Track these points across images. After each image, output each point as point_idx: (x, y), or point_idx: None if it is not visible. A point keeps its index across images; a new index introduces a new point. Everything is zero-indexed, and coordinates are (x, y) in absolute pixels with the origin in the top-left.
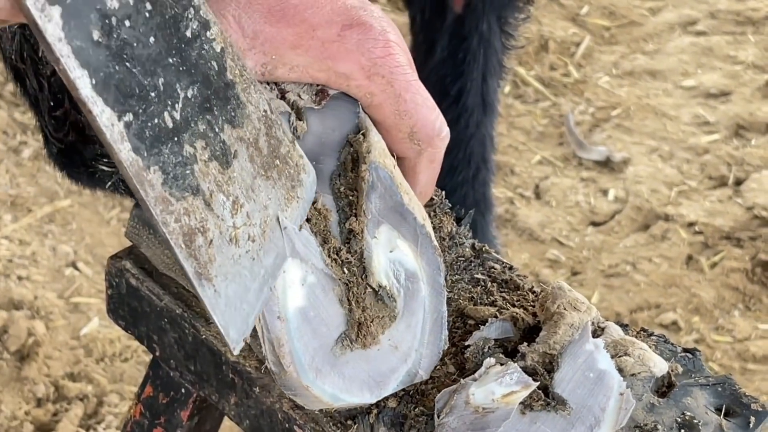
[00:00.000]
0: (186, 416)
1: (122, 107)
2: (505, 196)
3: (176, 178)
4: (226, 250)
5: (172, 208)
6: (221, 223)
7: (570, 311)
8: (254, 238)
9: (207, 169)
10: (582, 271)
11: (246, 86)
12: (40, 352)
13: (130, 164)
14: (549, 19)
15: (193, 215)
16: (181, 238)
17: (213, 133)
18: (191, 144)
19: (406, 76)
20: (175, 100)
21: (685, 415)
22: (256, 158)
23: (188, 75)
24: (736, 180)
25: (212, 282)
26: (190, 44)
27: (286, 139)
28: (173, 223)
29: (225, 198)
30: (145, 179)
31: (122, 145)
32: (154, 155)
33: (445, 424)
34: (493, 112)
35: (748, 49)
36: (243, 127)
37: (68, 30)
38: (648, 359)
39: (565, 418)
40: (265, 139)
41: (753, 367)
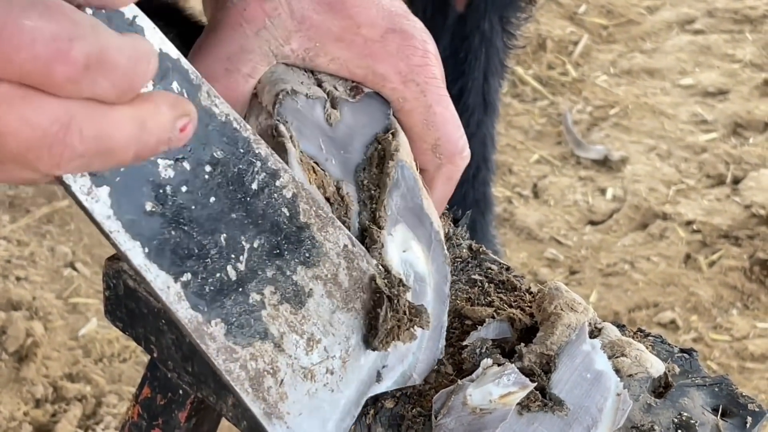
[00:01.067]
0: (184, 417)
1: (179, 269)
2: (503, 196)
3: (241, 326)
4: (300, 386)
5: (236, 356)
6: (294, 362)
7: (567, 312)
8: (333, 370)
9: (277, 313)
10: (580, 270)
11: (322, 225)
12: (38, 353)
13: (189, 321)
14: (547, 18)
15: (262, 359)
16: (248, 383)
17: (284, 277)
18: (258, 291)
19: (438, 90)
20: (239, 252)
21: (682, 415)
22: (335, 293)
23: (255, 226)
24: (734, 179)
25: (284, 420)
26: (257, 196)
27: (371, 268)
28: (238, 370)
29: (298, 337)
30: (206, 333)
31: (179, 305)
32: (215, 309)
33: (442, 425)
34: (494, 112)
35: (745, 48)
36: (319, 266)
37: (117, 207)
38: (645, 360)
39: (562, 419)
40: (346, 272)
41: (751, 365)
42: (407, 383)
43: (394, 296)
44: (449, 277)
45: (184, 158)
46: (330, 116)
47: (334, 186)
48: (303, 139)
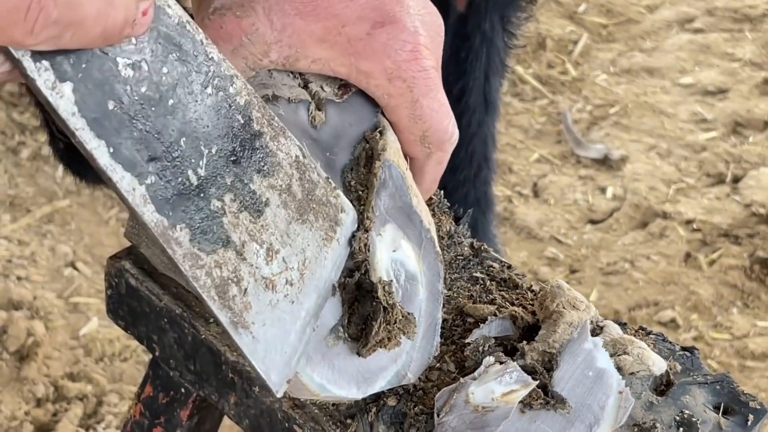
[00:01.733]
0: (186, 416)
1: (143, 170)
2: (503, 195)
3: (204, 232)
4: (262, 296)
5: (202, 262)
6: (256, 271)
7: (569, 310)
8: (292, 282)
9: (237, 221)
10: (580, 269)
11: (275, 134)
12: (39, 352)
13: (155, 225)
14: (546, 17)
15: (225, 267)
16: (214, 290)
17: (241, 185)
18: (219, 198)
19: (427, 81)
20: (198, 157)
21: (683, 413)
22: (290, 204)
23: (210, 132)
24: (734, 177)
25: (249, 329)
26: (212, 101)
27: (322, 181)
28: (204, 277)
29: (258, 246)
30: (172, 237)
31: (145, 208)
32: (179, 213)
33: (444, 423)
34: (495, 111)
35: (745, 47)
36: (274, 175)
37: (82, 104)
38: (647, 358)
39: (564, 417)
40: (299, 183)
41: (751, 364)
42: (401, 382)
43: (389, 306)
44: (442, 274)
45: (141, 60)
46: (315, 118)
47: None
48: None
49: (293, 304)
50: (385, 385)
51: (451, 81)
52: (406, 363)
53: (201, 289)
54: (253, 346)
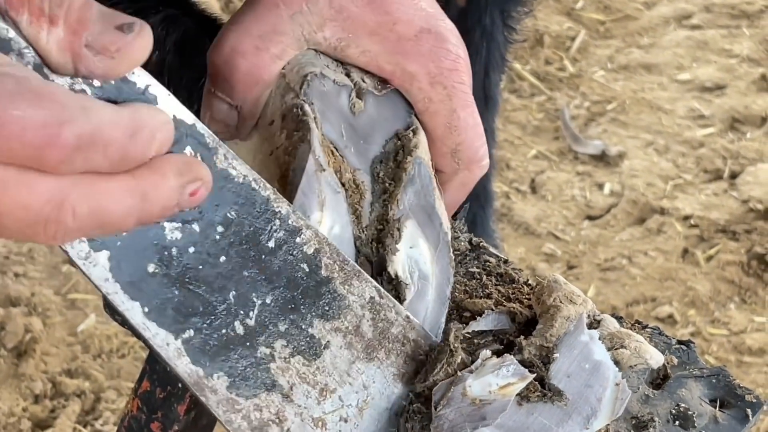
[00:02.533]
0: (183, 410)
1: (181, 326)
2: (501, 191)
3: (246, 379)
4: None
5: (239, 407)
6: (304, 411)
7: (566, 304)
8: (347, 418)
9: (287, 365)
10: (578, 265)
11: (346, 278)
12: (37, 349)
13: (188, 376)
14: (544, 13)
15: (267, 409)
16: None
17: (298, 330)
18: (268, 345)
19: (465, 96)
20: (249, 308)
21: (679, 406)
22: (356, 344)
23: (268, 282)
24: (731, 173)
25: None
26: (273, 254)
27: (400, 319)
28: (240, 420)
29: (310, 388)
30: (206, 386)
31: (179, 361)
32: (218, 363)
33: (442, 416)
34: (495, 106)
35: (743, 43)
36: (340, 318)
37: (117, 270)
38: (644, 351)
39: (561, 409)
40: (371, 323)
41: (749, 359)
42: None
43: (454, 350)
44: (451, 280)
45: (193, 220)
46: (354, 105)
47: (350, 173)
48: (326, 123)
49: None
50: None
51: None
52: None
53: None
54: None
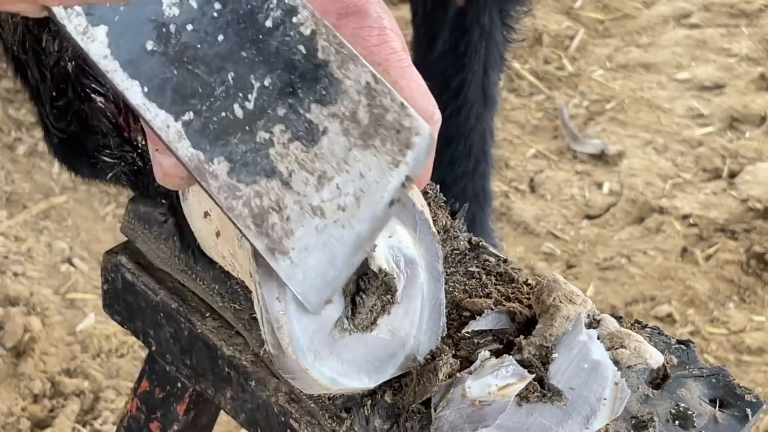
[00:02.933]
0: (182, 410)
1: (180, 108)
2: (500, 190)
3: (246, 164)
4: (307, 223)
5: (239, 193)
6: (303, 198)
7: (566, 304)
8: (345, 207)
9: (286, 151)
10: (577, 264)
11: (343, 62)
12: (36, 349)
13: (189, 160)
14: (543, 12)
15: (267, 196)
16: (250, 219)
17: (296, 115)
18: (267, 130)
19: (401, 63)
20: (247, 91)
21: (679, 406)
22: (353, 130)
23: (266, 64)
24: (730, 172)
25: (288, 255)
26: (270, 34)
27: (395, 106)
28: (240, 207)
29: (309, 175)
30: (207, 171)
31: (180, 144)
32: (218, 147)
33: (442, 418)
34: (494, 105)
35: (742, 42)
36: (336, 103)
37: (115, 47)
38: (644, 351)
39: (561, 409)
40: (367, 109)
41: (748, 358)
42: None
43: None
44: (440, 254)
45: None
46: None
47: None
48: None
49: (344, 229)
50: (395, 371)
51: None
52: (414, 347)
53: (236, 219)
54: (290, 270)
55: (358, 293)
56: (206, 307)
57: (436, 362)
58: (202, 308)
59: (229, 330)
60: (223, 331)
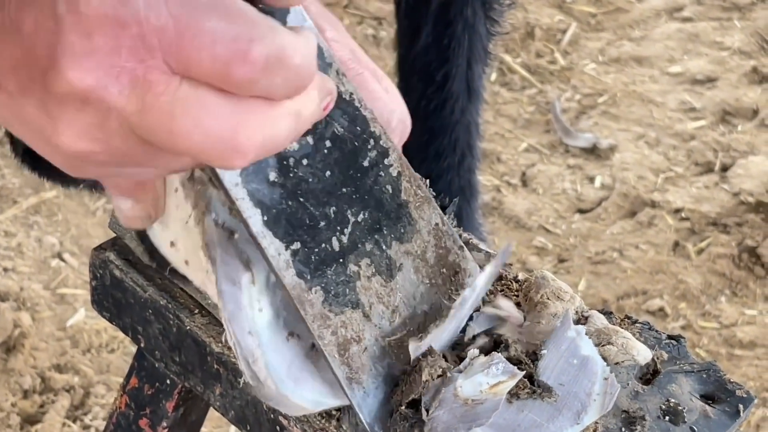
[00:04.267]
0: (171, 407)
1: (291, 238)
2: (491, 184)
3: (337, 295)
4: (379, 354)
5: (329, 322)
6: (378, 331)
7: (554, 301)
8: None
9: (369, 284)
10: (569, 259)
11: (419, 203)
12: (26, 344)
13: (292, 287)
14: (535, 6)
15: (350, 327)
16: (336, 348)
17: (380, 251)
18: (356, 263)
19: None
20: (344, 225)
21: (669, 402)
22: (422, 268)
23: (361, 201)
24: (722, 166)
25: (362, 384)
26: (367, 173)
27: (456, 248)
28: (329, 336)
29: (385, 308)
30: (306, 300)
31: (287, 272)
32: (317, 277)
33: (435, 419)
34: (479, 99)
35: (734, 35)
36: (411, 242)
37: (245, 176)
38: (631, 348)
39: (552, 405)
40: (434, 250)
41: (740, 352)
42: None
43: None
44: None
45: (308, 132)
46: None
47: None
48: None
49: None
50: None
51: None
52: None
53: (324, 348)
54: (362, 400)
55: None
56: (195, 304)
57: (421, 363)
58: (191, 305)
59: (218, 327)
60: (212, 327)
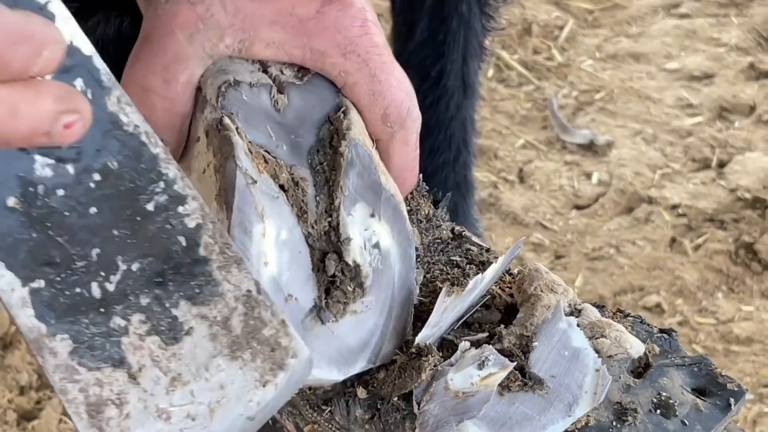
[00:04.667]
0: None
1: (31, 273)
2: (488, 180)
3: (93, 348)
4: (150, 425)
5: (78, 377)
6: (149, 398)
7: (547, 293)
8: (195, 417)
9: (141, 343)
10: (566, 255)
11: (225, 264)
12: (23, 340)
13: (28, 330)
14: (532, 2)
15: (109, 387)
16: (84, 407)
17: (161, 308)
18: (124, 317)
19: (381, 57)
20: (111, 272)
21: (661, 395)
22: (222, 338)
23: (138, 248)
24: (719, 162)
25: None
26: (150, 218)
27: (275, 321)
28: (75, 392)
29: (161, 374)
30: (46, 346)
31: (21, 311)
32: (65, 323)
33: (426, 412)
34: (474, 95)
35: (731, 32)
36: (209, 305)
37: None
38: (624, 341)
39: (543, 397)
40: (242, 319)
41: (736, 348)
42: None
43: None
44: (413, 239)
45: (69, 161)
46: (277, 102)
47: (287, 172)
48: (251, 129)
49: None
50: (365, 365)
51: (429, 64)
52: (382, 337)
53: (68, 403)
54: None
55: (331, 283)
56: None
57: (422, 361)
58: None
59: None
60: None
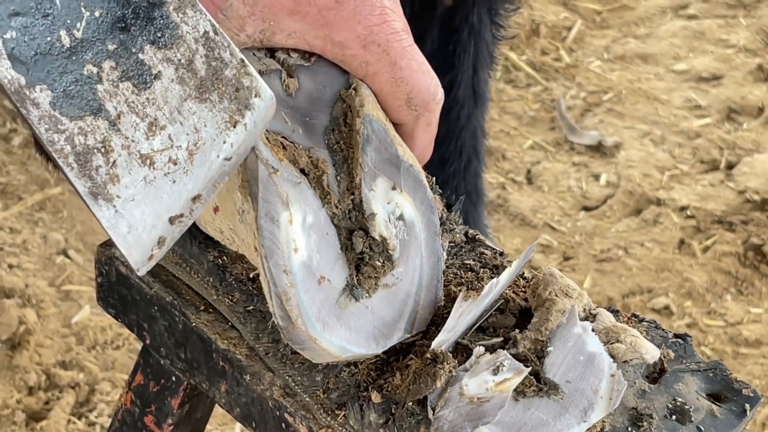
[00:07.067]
0: (177, 404)
1: (3, 23)
2: (496, 182)
3: (71, 97)
4: (135, 171)
5: (62, 127)
6: (132, 144)
7: (562, 298)
8: (177, 160)
9: (116, 90)
10: (574, 256)
11: (181, 5)
12: (31, 341)
13: (8, 82)
14: (540, 3)
15: (92, 135)
16: (73, 157)
17: (127, 53)
18: (96, 64)
19: (401, 43)
20: (77, 19)
21: (676, 401)
22: (189, 80)
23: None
24: (728, 164)
25: (112, 202)
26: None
27: (235, 61)
28: (62, 143)
29: (139, 120)
30: (28, 98)
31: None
32: (41, 73)
33: (441, 418)
34: (484, 104)
35: (739, 33)
36: (172, 48)
37: None
38: (640, 346)
39: (558, 403)
40: (204, 60)
41: (745, 351)
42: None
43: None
44: (434, 206)
45: None
46: (288, 86)
47: (306, 156)
48: None
49: (174, 184)
50: (401, 335)
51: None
52: (415, 305)
53: (57, 154)
54: (114, 220)
55: (360, 260)
56: (200, 301)
57: (437, 368)
58: (197, 301)
59: (223, 324)
60: (217, 324)
